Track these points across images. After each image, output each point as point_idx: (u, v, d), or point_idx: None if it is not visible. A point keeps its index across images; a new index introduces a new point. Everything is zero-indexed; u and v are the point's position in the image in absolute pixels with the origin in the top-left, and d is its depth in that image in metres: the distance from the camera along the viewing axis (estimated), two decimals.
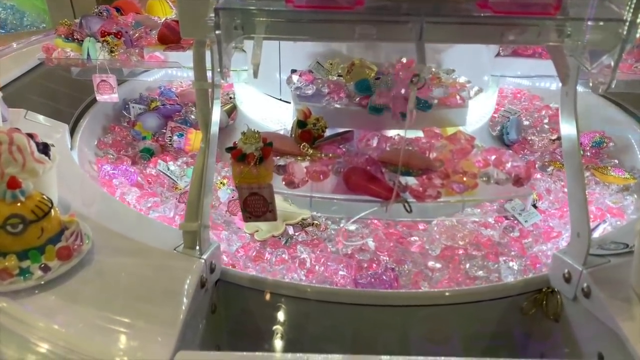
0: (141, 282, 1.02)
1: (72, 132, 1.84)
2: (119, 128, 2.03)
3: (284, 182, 1.13)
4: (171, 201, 1.59)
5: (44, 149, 1.17)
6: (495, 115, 2.16)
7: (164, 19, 2.21)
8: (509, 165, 1.16)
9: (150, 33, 1.98)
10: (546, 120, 2.22)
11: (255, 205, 1.11)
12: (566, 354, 1.13)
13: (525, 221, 1.59)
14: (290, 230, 1.48)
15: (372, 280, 1.28)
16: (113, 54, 1.77)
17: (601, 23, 0.85)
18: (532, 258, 1.45)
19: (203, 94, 1.15)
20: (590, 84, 0.93)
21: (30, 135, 1.16)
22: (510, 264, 1.40)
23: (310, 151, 1.18)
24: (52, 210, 1.01)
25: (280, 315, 1.23)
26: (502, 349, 1.21)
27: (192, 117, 2.03)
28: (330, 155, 1.16)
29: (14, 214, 0.95)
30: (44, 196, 1.02)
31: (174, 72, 2.07)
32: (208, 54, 1.08)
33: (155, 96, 2.22)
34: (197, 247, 1.11)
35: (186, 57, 1.81)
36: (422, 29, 0.84)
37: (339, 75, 1.46)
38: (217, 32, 0.84)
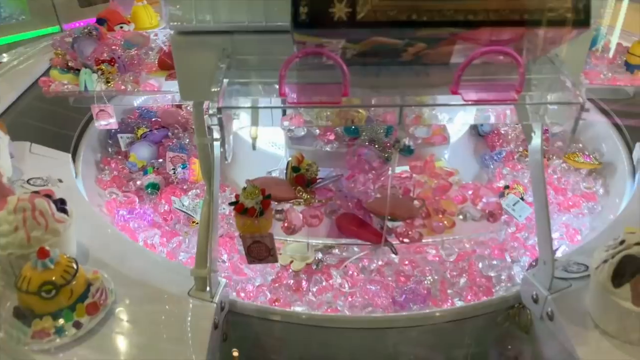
0: (162, 329, 1.16)
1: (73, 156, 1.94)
2: (113, 162, 2.06)
3: (282, 230, 1.26)
4: (193, 238, 1.65)
5: (62, 205, 1.28)
6: None
7: (152, 32, 2.25)
8: (484, 200, 1.29)
9: (142, 54, 2.04)
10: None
11: (258, 251, 1.24)
12: None
13: (520, 215, 1.73)
14: (319, 255, 1.58)
15: (408, 296, 1.41)
16: (109, 84, 1.84)
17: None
18: (531, 250, 1.62)
19: (204, 148, 1.26)
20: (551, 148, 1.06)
21: (48, 195, 1.26)
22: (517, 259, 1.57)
23: (305, 196, 1.30)
24: (78, 271, 1.13)
25: (282, 339, 1.38)
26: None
27: (186, 141, 2.09)
28: (324, 200, 1.29)
29: (47, 281, 1.07)
30: (69, 258, 1.14)
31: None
32: None
33: (136, 120, 2.24)
34: (208, 290, 1.25)
35: None
36: (401, 115, 0.95)
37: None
38: (219, 126, 0.94)
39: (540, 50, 0.95)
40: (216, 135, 1.24)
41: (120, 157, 2.09)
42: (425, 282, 1.50)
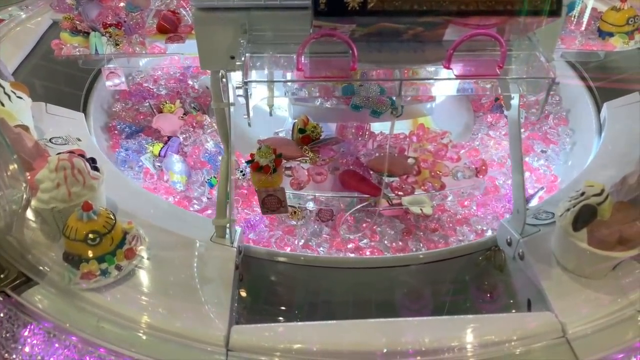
0: (191, 270, 1.34)
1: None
2: (162, 188, 1.93)
3: (291, 185, 1.43)
4: (304, 225, 1.65)
5: (93, 164, 1.42)
6: None
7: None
8: (472, 159, 1.48)
9: (145, 17, 2.12)
10: None
11: (272, 203, 1.41)
12: (506, 297, 1.53)
13: None
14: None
15: None
16: (118, 47, 1.95)
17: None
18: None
19: (221, 112, 1.41)
20: (526, 113, 1.24)
21: (81, 155, 1.40)
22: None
23: (310, 154, 1.46)
24: (116, 222, 1.30)
25: (288, 279, 1.58)
26: (462, 294, 1.61)
27: (209, 142, 2.04)
28: (327, 159, 1.46)
29: (92, 230, 1.24)
30: (108, 210, 1.30)
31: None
32: None
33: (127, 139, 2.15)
34: (228, 237, 1.43)
35: (184, 46, 1.99)
36: (400, 87, 1.11)
37: None
38: (245, 97, 1.09)
39: (520, 32, 1.11)
40: (232, 100, 1.40)
41: (153, 180, 1.98)
42: None
